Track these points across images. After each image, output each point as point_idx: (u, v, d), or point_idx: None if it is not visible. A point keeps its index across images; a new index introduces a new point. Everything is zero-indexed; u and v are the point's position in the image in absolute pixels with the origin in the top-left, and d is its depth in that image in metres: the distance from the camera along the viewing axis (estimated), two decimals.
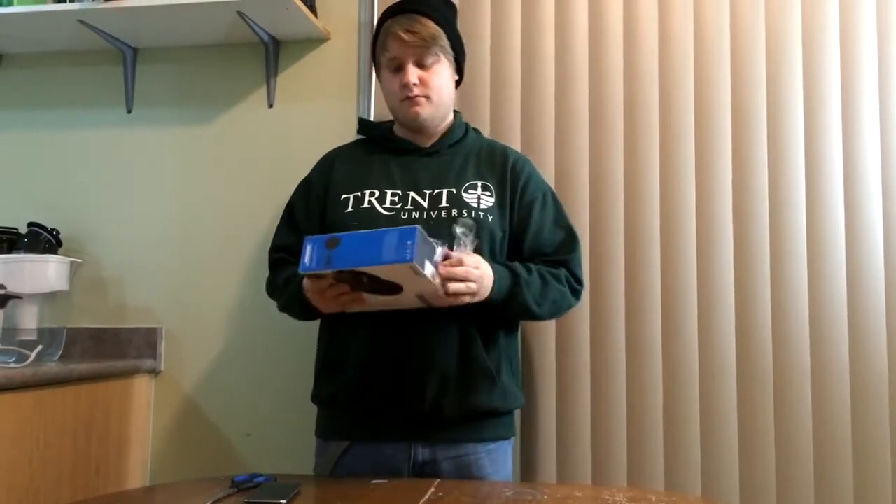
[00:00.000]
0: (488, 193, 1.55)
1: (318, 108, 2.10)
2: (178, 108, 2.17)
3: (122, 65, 2.18)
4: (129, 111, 2.19)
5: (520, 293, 1.45)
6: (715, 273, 1.93)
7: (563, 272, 1.55)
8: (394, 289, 1.31)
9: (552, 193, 1.66)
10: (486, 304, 1.41)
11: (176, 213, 2.13)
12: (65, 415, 1.73)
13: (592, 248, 1.96)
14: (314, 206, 1.60)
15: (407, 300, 1.36)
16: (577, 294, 1.59)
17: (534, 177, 1.64)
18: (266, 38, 2.07)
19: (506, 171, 1.59)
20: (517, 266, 1.49)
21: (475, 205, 1.52)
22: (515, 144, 1.98)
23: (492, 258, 1.49)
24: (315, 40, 2.11)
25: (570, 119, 2.00)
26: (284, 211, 1.67)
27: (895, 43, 1.93)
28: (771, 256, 1.92)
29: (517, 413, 1.91)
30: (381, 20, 1.59)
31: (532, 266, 1.51)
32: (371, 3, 2.08)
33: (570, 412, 1.93)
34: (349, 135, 1.93)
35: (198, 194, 2.13)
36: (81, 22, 1.99)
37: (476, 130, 1.71)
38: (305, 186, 1.66)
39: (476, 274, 1.36)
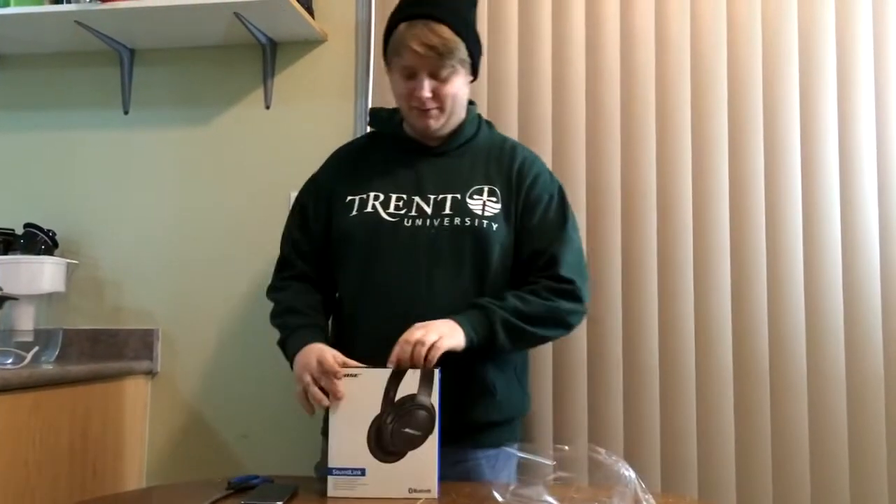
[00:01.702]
0: (494, 199, 1.49)
1: (316, 110, 2.10)
2: (175, 110, 2.16)
3: (119, 66, 2.18)
4: (126, 112, 2.18)
5: (495, 317, 1.38)
6: (712, 276, 1.93)
7: (541, 283, 1.45)
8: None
9: (560, 195, 1.55)
10: (478, 347, 1.37)
11: (173, 214, 2.13)
12: (61, 416, 1.72)
13: (589, 246, 1.95)
14: (322, 207, 1.57)
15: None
16: (571, 295, 1.46)
17: (541, 178, 1.55)
18: (263, 39, 2.07)
19: (512, 172, 1.53)
20: (482, 300, 1.42)
21: (479, 212, 1.47)
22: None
23: (497, 268, 1.46)
24: (312, 42, 2.11)
25: (568, 122, 2.00)
26: (294, 206, 1.62)
27: (891, 41, 1.94)
28: (767, 258, 1.92)
29: None
30: (395, 20, 1.47)
31: (506, 294, 1.44)
32: (368, 4, 2.08)
33: (567, 415, 1.93)
34: (346, 136, 1.94)
35: (194, 196, 2.13)
36: (78, 23, 1.99)
37: (489, 124, 1.64)
38: (313, 185, 1.62)
39: (420, 329, 1.30)
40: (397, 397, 1.26)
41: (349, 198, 1.52)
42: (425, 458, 1.25)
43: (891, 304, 1.88)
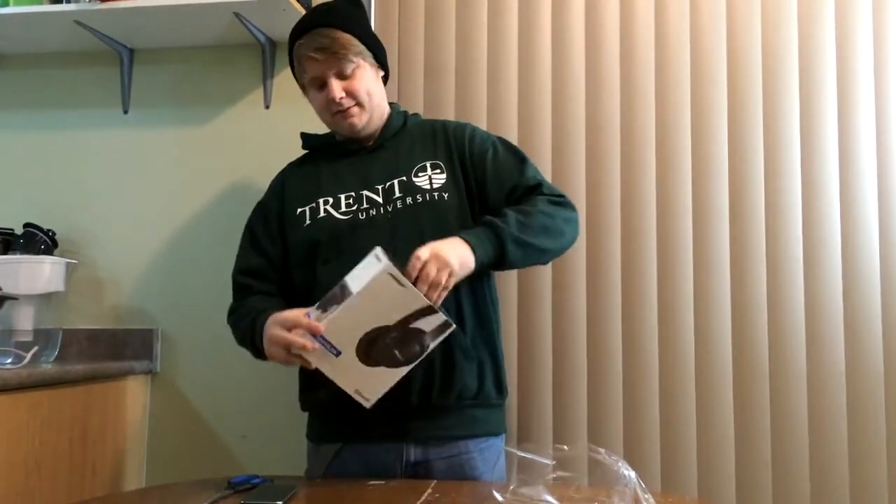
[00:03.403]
0: (439, 171, 1.54)
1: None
2: (175, 109, 2.16)
3: (119, 66, 2.18)
4: (126, 112, 2.18)
5: (504, 234, 1.39)
6: (712, 276, 1.93)
7: (534, 199, 1.49)
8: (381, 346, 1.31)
9: (502, 141, 1.61)
10: (485, 266, 1.39)
11: (172, 213, 2.13)
12: (61, 416, 1.72)
13: (589, 245, 1.97)
14: (274, 227, 1.61)
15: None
16: (564, 205, 1.51)
17: (477, 133, 1.61)
18: (262, 39, 2.07)
19: (448, 140, 1.59)
20: (487, 217, 1.44)
21: (427, 187, 1.51)
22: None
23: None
24: None
25: (567, 123, 2.00)
26: (245, 234, 1.67)
27: (891, 41, 1.94)
28: (767, 258, 1.92)
29: (514, 412, 1.92)
30: (291, 44, 1.57)
31: (505, 210, 1.46)
32: (368, 3, 2.08)
33: (567, 413, 1.93)
34: None
35: (194, 195, 2.13)
36: (78, 23, 1.99)
37: (415, 115, 1.70)
38: (262, 209, 1.66)
39: (432, 254, 1.32)
40: (412, 325, 1.30)
41: (299, 210, 1.57)
42: (387, 379, 1.34)
43: (891, 303, 1.89)
